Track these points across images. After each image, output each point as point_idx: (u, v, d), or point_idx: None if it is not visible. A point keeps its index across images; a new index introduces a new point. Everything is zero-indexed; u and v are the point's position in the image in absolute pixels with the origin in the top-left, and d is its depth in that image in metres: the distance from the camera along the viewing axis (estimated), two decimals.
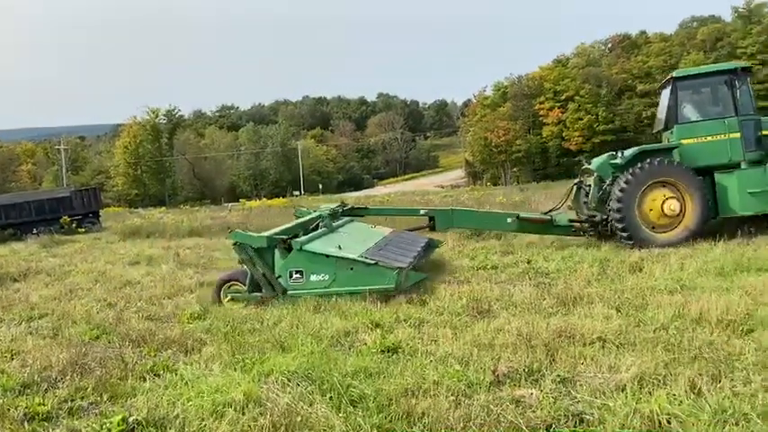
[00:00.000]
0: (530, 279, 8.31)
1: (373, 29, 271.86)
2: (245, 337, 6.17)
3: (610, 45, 78.56)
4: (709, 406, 3.73)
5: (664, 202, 10.91)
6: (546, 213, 12.29)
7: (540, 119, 72.74)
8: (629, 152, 11.56)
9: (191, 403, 4.35)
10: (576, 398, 4.12)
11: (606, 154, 12.30)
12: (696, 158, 11.15)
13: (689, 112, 11.72)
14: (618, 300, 6.68)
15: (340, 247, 8.30)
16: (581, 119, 67.99)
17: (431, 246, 10.80)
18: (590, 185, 12.16)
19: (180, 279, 10.81)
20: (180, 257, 14.00)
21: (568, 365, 4.70)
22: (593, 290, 7.21)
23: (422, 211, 11.98)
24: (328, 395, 4.34)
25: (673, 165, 11.05)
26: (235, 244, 8.24)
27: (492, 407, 3.98)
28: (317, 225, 9.85)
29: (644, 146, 12.03)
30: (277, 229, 8.91)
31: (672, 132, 11.69)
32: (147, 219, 29.14)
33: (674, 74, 12.05)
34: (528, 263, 9.82)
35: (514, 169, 74.65)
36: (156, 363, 5.55)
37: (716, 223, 11.28)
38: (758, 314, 5.68)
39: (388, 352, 5.36)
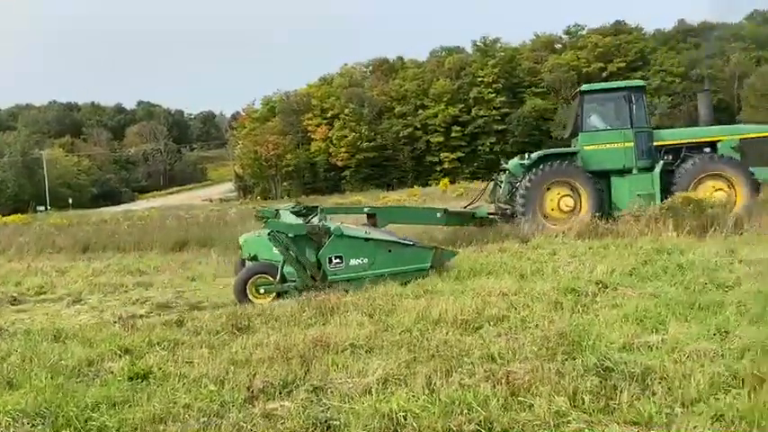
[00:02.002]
0: None
1: (132, 35, 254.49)
2: None
3: (371, 68, 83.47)
4: (440, 400, 4.15)
5: (560, 199, 12.85)
6: (466, 207, 14.35)
7: (309, 134, 74.55)
8: (534, 154, 13.39)
9: None
10: (326, 405, 4.29)
11: (518, 155, 14.13)
12: (596, 163, 13.09)
13: (592, 122, 13.59)
14: (371, 307, 7.09)
15: (368, 233, 8.81)
16: (346, 136, 71.07)
17: None
18: (502, 182, 13.98)
19: None
20: None
21: (321, 374, 4.88)
22: (349, 299, 7.56)
23: (365, 209, 12.88)
24: (64, 431, 3.95)
25: (570, 166, 12.92)
26: (269, 233, 8.25)
27: (243, 423, 3.97)
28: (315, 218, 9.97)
29: (547, 149, 14.08)
30: None
31: (577, 139, 13.50)
32: None
33: (582, 88, 14.04)
34: None
35: (285, 183, 75.42)
36: None
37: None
38: (485, 313, 6.46)
39: (138, 379, 5.04)
